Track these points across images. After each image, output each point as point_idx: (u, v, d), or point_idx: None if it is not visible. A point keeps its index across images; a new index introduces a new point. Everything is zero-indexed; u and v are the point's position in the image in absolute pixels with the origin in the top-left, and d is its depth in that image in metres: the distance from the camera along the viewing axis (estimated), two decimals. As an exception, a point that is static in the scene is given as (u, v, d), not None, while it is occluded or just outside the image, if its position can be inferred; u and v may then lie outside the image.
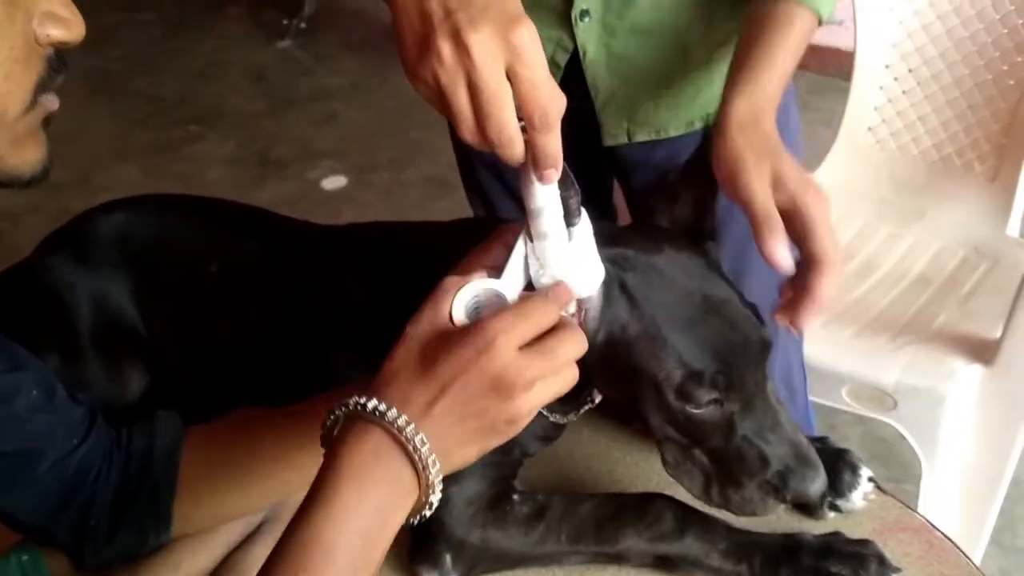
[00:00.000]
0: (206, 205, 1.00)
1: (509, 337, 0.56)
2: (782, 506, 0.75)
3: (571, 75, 0.93)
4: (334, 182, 2.72)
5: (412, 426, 0.54)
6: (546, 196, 0.62)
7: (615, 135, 0.96)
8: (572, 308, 0.67)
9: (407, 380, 0.56)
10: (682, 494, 0.84)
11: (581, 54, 0.90)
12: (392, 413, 0.54)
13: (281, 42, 3.46)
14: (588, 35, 0.89)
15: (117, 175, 2.79)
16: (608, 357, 0.69)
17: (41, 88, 0.52)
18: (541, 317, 0.59)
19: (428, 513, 0.58)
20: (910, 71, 1.55)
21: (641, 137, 0.96)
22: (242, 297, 0.91)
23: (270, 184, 2.72)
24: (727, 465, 0.70)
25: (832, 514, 0.81)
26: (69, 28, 0.51)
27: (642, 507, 0.77)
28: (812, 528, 0.80)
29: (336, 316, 0.87)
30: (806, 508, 0.81)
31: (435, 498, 0.57)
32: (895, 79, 1.56)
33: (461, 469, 0.77)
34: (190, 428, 0.72)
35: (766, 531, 0.79)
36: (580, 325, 0.67)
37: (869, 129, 1.60)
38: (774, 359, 1.08)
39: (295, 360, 0.89)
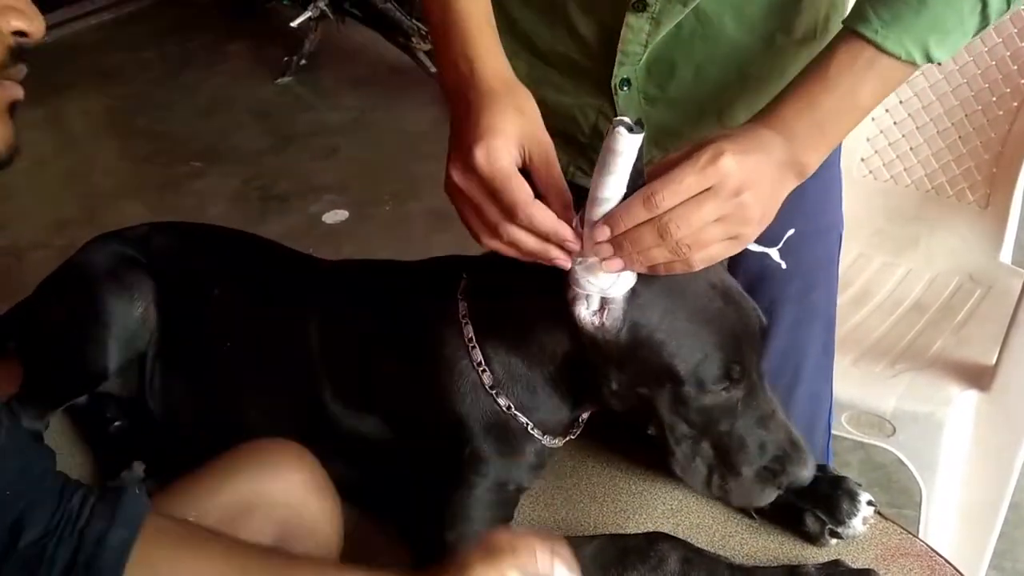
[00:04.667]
0: (199, 232, 1.07)
1: None
2: (783, 534, 0.76)
3: None
4: (335, 216, 2.75)
5: None
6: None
7: None
8: (595, 305, 0.71)
9: None
10: (684, 529, 0.86)
11: None
12: None
13: (282, 79, 3.50)
14: (628, 103, 0.87)
15: (123, 212, 2.81)
16: (629, 351, 0.72)
17: (3, 67, 0.60)
18: None
19: None
20: (901, 102, 1.57)
21: None
22: (240, 326, 0.96)
23: (272, 218, 2.75)
24: (728, 455, 0.73)
25: (834, 541, 0.83)
26: (30, 21, 0.59)
27: (645, 550, 0.77)
28: (815, 555, 0.82)
29: (328, 362, 0.89)
30: (808, 536, 0.83)
31: None
32: (886, 110, 1.58)
33: (457, 514, 0.78)
34: (152, 516, 0.67)
35: (769, 563, 0.81)
36: (602, 324, 0.71)
37: (862, 160, 1.62)
38: (800, 394, 1.06)
39: (288, 396, 0.92)
